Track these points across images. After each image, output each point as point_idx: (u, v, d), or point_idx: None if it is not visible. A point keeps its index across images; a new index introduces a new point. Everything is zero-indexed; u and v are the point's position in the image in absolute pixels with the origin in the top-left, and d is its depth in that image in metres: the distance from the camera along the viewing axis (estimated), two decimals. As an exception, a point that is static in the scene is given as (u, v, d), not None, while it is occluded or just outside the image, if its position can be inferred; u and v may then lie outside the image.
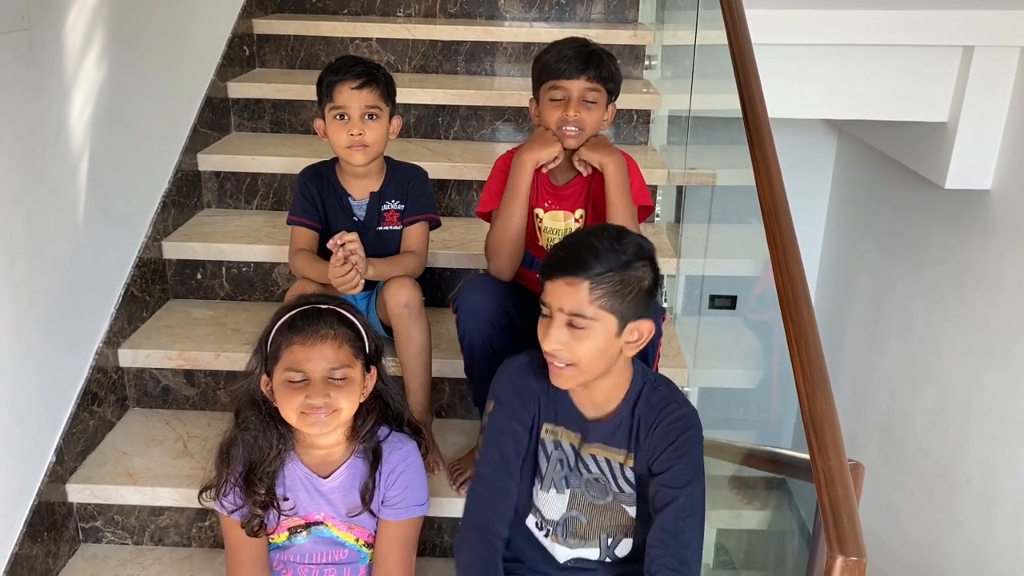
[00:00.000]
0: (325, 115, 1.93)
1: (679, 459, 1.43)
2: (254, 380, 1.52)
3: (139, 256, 2.24)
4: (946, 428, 3.27)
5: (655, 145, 2.89)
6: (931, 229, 3.47)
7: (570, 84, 1.79)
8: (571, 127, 1.81)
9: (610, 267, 1.37)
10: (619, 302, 1.38)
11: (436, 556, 1.97)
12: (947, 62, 2.96)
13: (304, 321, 1.47)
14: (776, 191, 1.51)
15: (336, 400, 1.46)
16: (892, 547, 3.55)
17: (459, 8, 3.31)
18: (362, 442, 1.56)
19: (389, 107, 1.95)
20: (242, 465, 1.53)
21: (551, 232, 1.96)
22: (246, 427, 1.53)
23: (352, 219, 2.04)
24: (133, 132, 2.22)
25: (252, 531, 1.55)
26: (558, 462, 1.53)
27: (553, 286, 1.40)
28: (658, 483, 1.44)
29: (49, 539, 1.85)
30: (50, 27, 1.83)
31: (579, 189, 1.93)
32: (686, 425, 1.46)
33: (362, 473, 1.57)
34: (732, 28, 1.88)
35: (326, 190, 2.04)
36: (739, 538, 2.69)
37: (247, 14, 3.02)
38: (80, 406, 1.96)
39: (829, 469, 1.18)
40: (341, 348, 1.47)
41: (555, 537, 1.57)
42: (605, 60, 1.82)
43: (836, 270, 4.38)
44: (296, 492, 1.56)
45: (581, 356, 1.39)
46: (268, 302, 2.43)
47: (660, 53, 3.07)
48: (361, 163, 1.95)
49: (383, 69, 1.97)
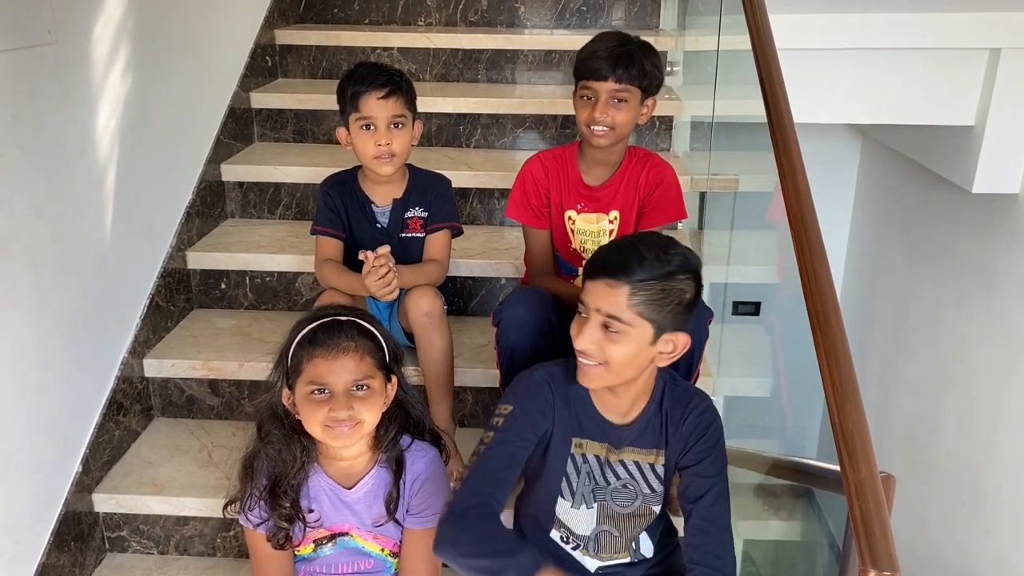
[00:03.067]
0: (350, 125, 1.93)
1: (711, 449, 1.46)
2: (276, 394, 1.52)
3: (164, 266, 2.25)
4: (974, 435, 3.22)
5: (677, 151, 2.87)
6: (957, 234, 3.43)
7: (598, 85, 1.79)
8: (599, 127, 1.80)
9: (653, 275, 1.35)
10: (657, 311, 1.36)
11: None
12: (974, 65, 2.92)
13: (325, 334, 1.46)
14: (803, 196, 1.49)
15: (359, 412, 1.45)
16: (919, 558, 3.50)
17: (479, 16, 3.31)
18: (385, 451, 1.56)
19: (412, 113, 1.96)
20: (266, 479, 1.53)
21: (584, 234, 1.96)
22: (269, 441, 1.52)
23: (375, 226, 2.04)
24: (158, 143, 2.24)
25: (278, 544, 1.54)
26: (587, 476, 1.52)
27: (593, 285, 1.39)
28: (692, 474, 1.46)
29: (76, 549, 1.86)
30: (76, 40, 1.85)
31: (613, 190, 1.93)
32: (711, 417, 1.49)
33: (386, 483, 1.56)
34: (756, 33, 1.86)
35: (349, 198, 2.04)
36: (767, 548, 2.66)
37: (269, 25, 3.04)
38: (106, 416, 1.97)
39: (860, 481, 1.16)
40: (363, 360, 1.47)
41: (586, 552, 1.56)
42: (639, 58, 1.79)
43: (861, 276, 4.33)
44: (321, 504, 1.56)
45: (612, 358, 1.38)
46: (291, 311, 2.44)
47: (682, 59, 3.05)
48: (389, 173, 1.96)
49: (404, 75, 1.97)
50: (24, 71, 1.66)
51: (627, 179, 1.92)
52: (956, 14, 2.79)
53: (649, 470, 1.51)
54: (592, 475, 1.52)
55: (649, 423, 1.50)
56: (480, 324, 2.36)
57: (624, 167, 1.93)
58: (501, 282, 2.41)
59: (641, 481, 1.51)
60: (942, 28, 2.82)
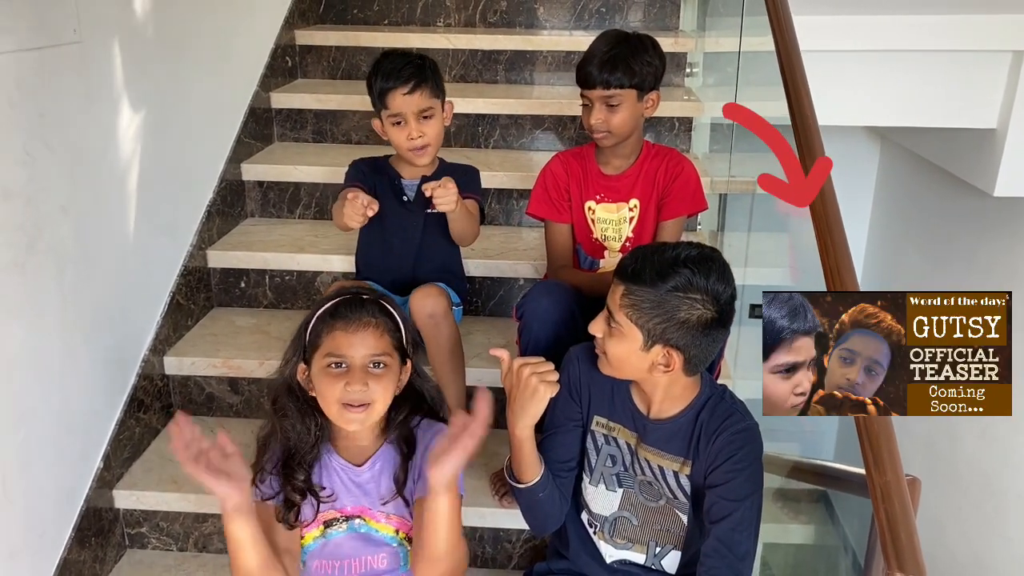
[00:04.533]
0: (383, 119, 1.97)
1: (739, 472, 1.42)
2: (291, 367, 1.51)
3: (184, 265, 2.27)
4: (995, 440, 3.20)
5: (697, 153, 2.86)
6: (979, 237, 3.40)
7: (590, 93, 1.87)
8: (598, 133, 1.89)
9: (645, 285, 1.38)
10: (647, 320, 1.39)
11: (478, 567, 1.97)
12: (996, 67, 2.90)
13: (347, 308, 1.46)
14: (827, 199, 1.48)
15: (373, 391, 1.44)
16: (938, 564, 3.47)
17: (499, 17, 3.32)
18: (395, 430, 1.54)
19: (440, 99, 1.99)
20: (281, 450, 1.51)
21: (604, 223, 2.01)
22: (284, 414, 1.51)
23: (401, 198, 2.05)
24: (179, 142, 2.25)
25: (288, 523, 1.51)
26: (608, 457, 1.54)
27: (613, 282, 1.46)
28: (716, 495, 1.43)
29: (96, 544, 1.87)
30: (101, 40, 1.86)
31: (632, 179, 1.97)
32: (747, 439, 1.45)
33: (395, 461, 1.55)
34: (780, 34, 1.86)
35: (378, 173, 2.07)
36: (785, 553, 2.65)
37: (290, 25, 3.05)
38: (127, 413, 1.98)
39: (886, 484, 1.15)
40: (382, 337, 1.46)
41: (602, 535, 1.57)
42: (627, 61, 1.84)
43: (880, 279, 4.31)
44: (332, 482, 1.54)
45: (608, 351, 1.46)
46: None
47: (702, 60, 3.04)
48: (426, 163, 2.02)
49: (427, 60, 1.98)
50: (50, 70, 1.67)
51: (645, 170, 1.97)
52: (978, 16, 2.77)
53: (673, 477, 1.50)
54: (621, 460, 1.54)
55: (680, 429, 1.49)
56: (499, 324, 2.36)
57: (642, 159, 1.99)
58: (519, 282, 2.40)
59: (664, 484, 1.51)
60: (964, 30, 2.80)
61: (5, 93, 1.54)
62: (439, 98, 1.98)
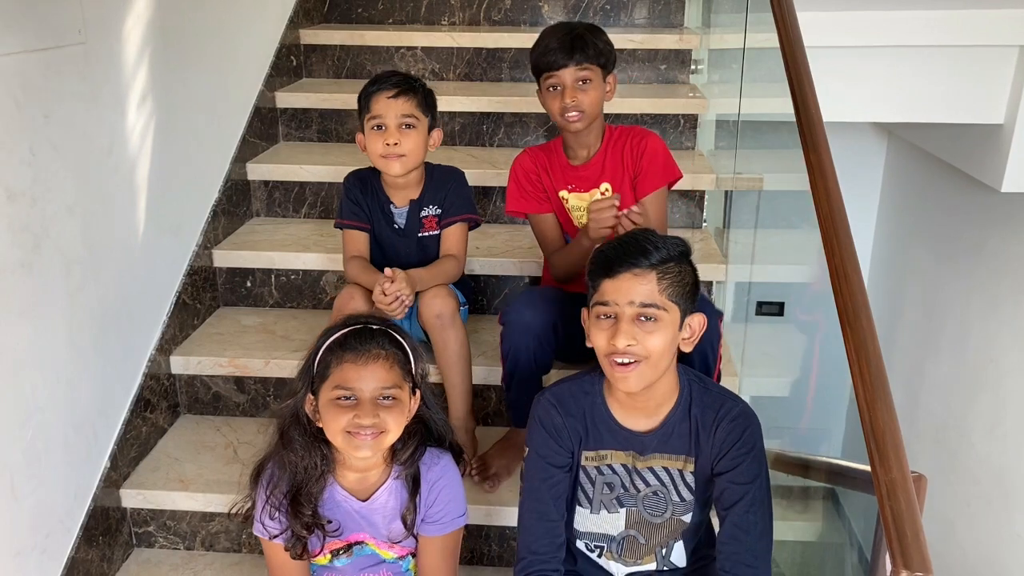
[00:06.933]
0: (365, 128, 1.95)
1: (745, 455, 1.43)
2: (299, 399, 1.49)
3: (190, 264, 2.27)
4: (1004, 437, 3.18)
5: (702, 150, 2.86)
6: (986, 233, 3.38)
7: (562, 73, 1.88)
8: (571, 112, 1.89)
9: (671, 256, 1.40)
10: (679, 293, 1.40)
11: (484, 564, 1.97)
12: (1003, 62, 2.88)
13: (356, 340, 1.44)
14: (832, 195, 1.47)
15: (384, 422, 1.42)
16: (947, 561, 3.46)
17: (503, 16, 3.31)
18: (402, 465, 1.53)
19: (427, 118, 1.95)
20: (287, 485, 1.50)
21: (579, 211, 2.03)
22: (292, 448, 1.49)
23: (393, 226, 2.05)
24: (184, 142, 2.26)
25: (296, 554, 1.52)
26: (605, 485, 1.51)
27: (617, 282, 1.38)
28: (725, 481, 1.44)
29: (104, 543, 1.88)
30: (105, 40, 1.86)
31: (598, 165, 2.01)
32: (747, 421, 1.45)
33: (401, 495, 1.53)
34: (784, 31, 1.85)
35: (370, 196, 2.05)
36: (792, 550, 2.64)
37: (294, 24, 3.06)
38: (133, 412, 1.99)
39: (892, 482, 1.15)
40: (392, 369, 1.44)
41: (611, 555, 1.56)
42: (590, 39, 1.88)
43: (887, 276, 4.29)
44: (336, 515, 1.54)
45: (652, 349, 1.37)
46: (316, 310, 2.45)
47: (707, 57, 3.03)
48: (397, 173, 1.96)
49: (421, 81, 1.98)
50: (55, 70, 1.68)
51: (610, 154, 2.00)
52: (985, 11, 2.75)
53: (679, 477, 1.49)
54: (618, 484, 1.51)
55: (676, 428, 1.47)
56: (504, 323, 2.36)
57: (605, 144, 2.01)
58: (524, 280, 2.40)
59: (671, 489, 1.50)
60: (971, 25, 2.79)
61: (10, 94, 1.55)
62: (426, 115, 1.94)
